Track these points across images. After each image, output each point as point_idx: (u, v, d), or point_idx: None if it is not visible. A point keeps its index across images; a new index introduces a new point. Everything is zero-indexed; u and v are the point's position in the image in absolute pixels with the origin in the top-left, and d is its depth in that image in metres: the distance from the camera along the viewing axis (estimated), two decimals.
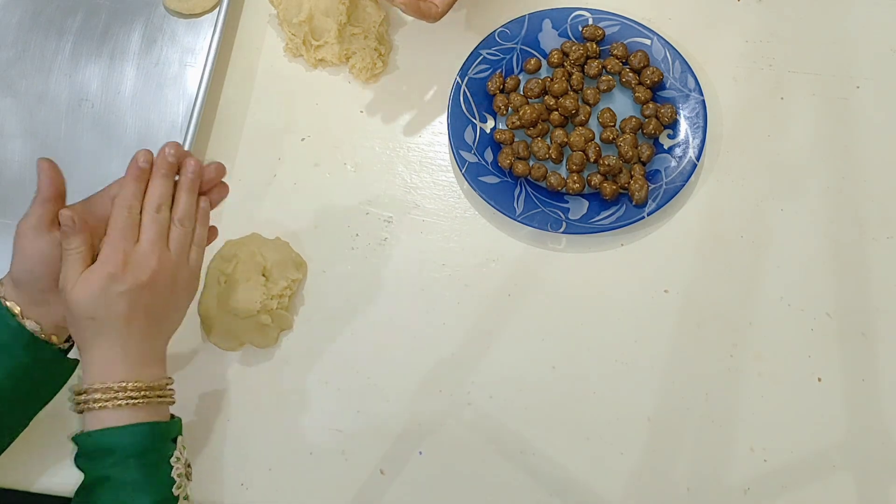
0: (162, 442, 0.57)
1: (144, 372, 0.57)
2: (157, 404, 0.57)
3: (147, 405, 0.56)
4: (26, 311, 0.59)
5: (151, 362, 0.59)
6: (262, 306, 0.68)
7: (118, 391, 0.55)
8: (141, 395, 0.56)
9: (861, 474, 0.67)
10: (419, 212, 0.76)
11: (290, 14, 0.79)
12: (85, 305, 0.55)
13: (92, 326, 0.56)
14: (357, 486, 0.67)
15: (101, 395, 0.55)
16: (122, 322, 0.56)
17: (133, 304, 0.56)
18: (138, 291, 0.56)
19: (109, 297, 0.55)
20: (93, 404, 0.55)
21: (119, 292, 0.56)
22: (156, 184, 0.60)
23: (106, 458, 0.55)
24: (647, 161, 0.75)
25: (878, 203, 0.75)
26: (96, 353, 0.57)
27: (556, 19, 0.80)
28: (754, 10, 0.83)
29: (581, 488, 0.67)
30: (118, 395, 0.55)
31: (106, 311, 0.56)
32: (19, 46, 0.81)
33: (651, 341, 0.71)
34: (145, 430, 0.56)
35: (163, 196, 0.60)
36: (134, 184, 0.59)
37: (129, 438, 0.55)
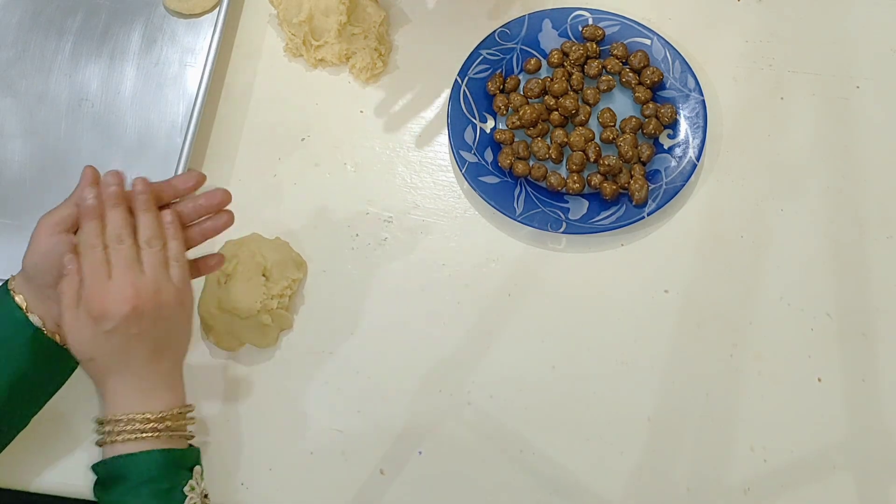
0: (175, 469, 0.57)
1: (160, 400, 0.58)
2: (177, 436, 0.58)
3: (169, 437, 0.57)
4: (32, 305, 0.59)
5: (166, 388, 0.59)
6: (262, 306, 0.68)
7: (140, 422, 0.56)
8: (164, 425, 0.57)
9: (861, 474, 0.67)
10: (419, 212, 0.76)
11: (290, 14, 0.79)
12: (81, 350, 0.57)
13: (94, 367, 0.57)
14: (357, 486, 0.67)
15: (122, 426, 0.56)
16: (120, 357, 0.56)
17: (125, 337, 0.56)
18: (125, 324, 0.56)
19: (99, 339, 0.56)
20: (115, 436, 0.56)
21: (106, 331, 0.55)
22: (109, 216, 0.58)
23: (119, 486, 0.55)
24: (647, 161, 0.75)
25: (878, 203, 0.75)
26: (108, 388, 0.57)
27: (556, 19, 0.80)
28: (754, 10, 0.83)
29: (581, 488, 0.67)
30: (140, 427, 0.56)
31: (101, 351, 0.56)
32: (19, 46, 0.81)
33: (651, 341, 0.71)
34: (158, 458, 0.56)
35: (119, 226, 0.58)
36: (90, 222, 0.57)
37: (141, 466, 0.55)
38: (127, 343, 0.56)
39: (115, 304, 0.56)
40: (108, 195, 0.58)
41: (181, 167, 0.73)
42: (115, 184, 0.59)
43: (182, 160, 0.74)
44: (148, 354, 0.57)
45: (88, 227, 0.57)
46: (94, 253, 0.57)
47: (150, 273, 0.57)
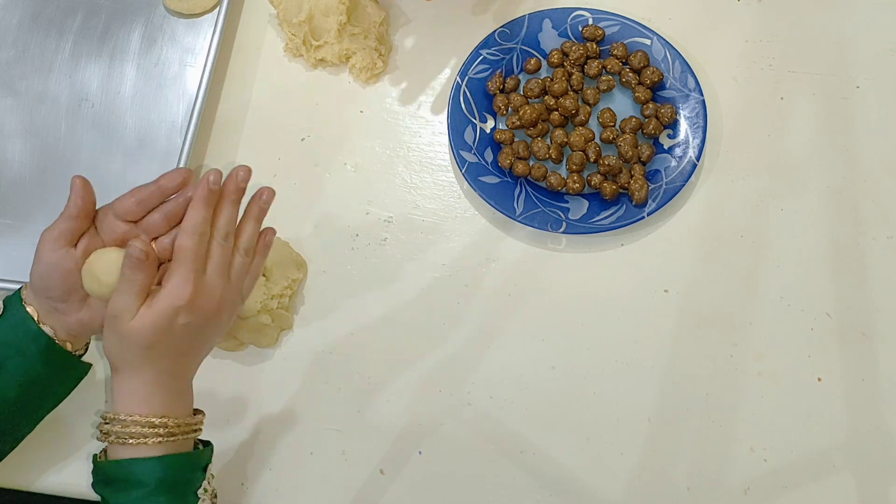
0: (192, 473, 0.56)
1: (178, 404, 0.56)
2: (188, 439, 0.56)
3: (177, 442, 0.55)
4: (43, 317, 0.59)
5: (185, 391, 0.57)
6: (262, 306, 0.68)
7: (158, 427, 0.54)
8: (179, 430, 0.55)
9: (861, 474, 0.67)
10: (419, 212, 0.76)
11: (290, 14, 0.79)
12: (147, 336, 0.53)
13: (147, 354, 0.54)
14: (357, 486, 0.67)
15: (139, 428, 0.53)
16: (181, 354, 0.55)
17: (194, 335, 0.55)
18: (202, 324, 0.55)
19: (174, 329, 0.53)
20: (129, 439, 0.53)
21: (184, 324, 0.53)
22: (225, 210, 0.57)
23: (133, 490, 0.53)
24: (647, 161, 0.75)
25: (878, 203, 0.75)
26: (140, 378, 0.54)
27: (556, 19, 0.80)
28: (754, 10, 0.83)
29: (581, 488, 0.67)
30: (158, 431, 0.54)
31: (166, 342, 0.54)
32: (19, 46, 0.81)
33: (651, 341, 0.71)
34: (176, 463, 0.54)
35: (231, 223, 0.57)
36: (205, 209, 0.55)
37: (159, 472, 0.53)
38: (191, 342, 0.55)
39: (203, 300, 0.54)
40: (235, 189, 0.57)
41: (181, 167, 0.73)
42: (245, 181, 0.57)
43: (182, 160, 0.74)
44: (194, 357, 0.57)
45: (201, 213, 0.55)
46: (200, 242, 0.55)
47: (235, 279, 0.57)
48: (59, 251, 0.57)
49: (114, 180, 0.76)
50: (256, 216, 0.59)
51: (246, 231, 0.58)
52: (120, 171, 0.77)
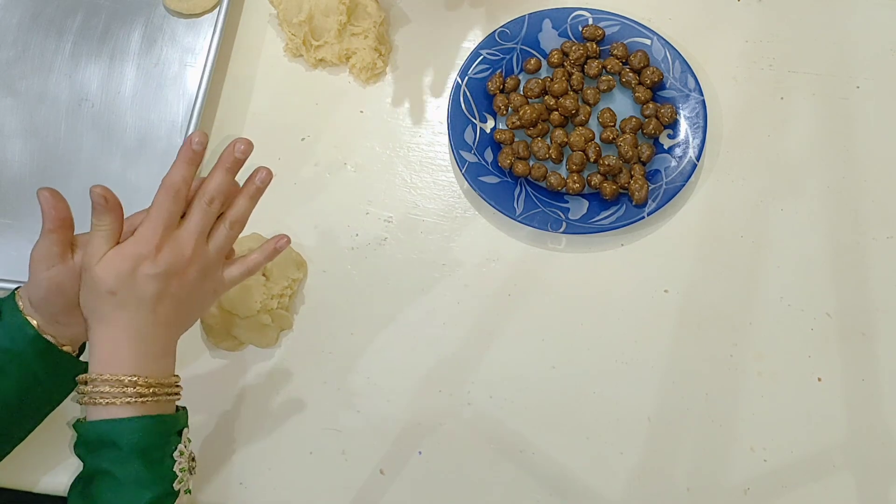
0: (166, 436, 0.55)
1: (156, 365, 0.55)
2: (164, 401, 0.56)
3: (155, 403, 0.55)
4: (43, 326, 0.58)
5: (164, 356, 0.57)
6: (262, 306, 0.68)
7: (127, 385, 0.53)
8: (150, 391, 0.54)
9: (861, 474, 0.67)
10: (419, 212, 0.76)
11: (290, 14, 0.79)
12: (108, 280, 0.53)
13: (111, 301, 0.54)
14: (357, 486, 0.67)
15: (108, 388, 0.53)
16: (146, 307, 0.54)
17: (162, 290, 0.55)
18: (167, 278, 0.55)
19: (137, 278, 0.54)
20: (99, 399, 0.53)
21: (148, 275, 0.54)
22: (216, 175, 0.57)
23: (109, 451, 0.53)
24: (647, 161, 0.75)
25: (878, 203, 0.75)
26: (110, 334, 0.54)
27: (556, 19, 0.80)
28: (754, 10, 0.83)
29: (581, 488, 0.67)
30: (126, 391, 0.53)
31: (130, 290, 0.54)
32: (19, 46, 0.81)
33: (651, 341, 0.71)
34: (152, 424, 0.54)
35: (219, 190, 0.57)
36: (185, 167, 0.56)
37: (135, 433, 0.53)
38: (160, 297, 0.55)
39: (170, 253, 0.55)
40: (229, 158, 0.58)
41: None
42: (243, 153, 0.58)
43: None
44: (170, 316, 0.56)
45: (181, 172, 0.56)
46: (175, 198, 0.56)
47: (215, 249, 0.58)
48: (52, 269, 0.56)
49: (114, 180, 0.76)
50: (251, 194, 0.60)
51: (236, 205, 0.59)
52: (120, 171, 0.77)
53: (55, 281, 0.56)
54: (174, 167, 0.56)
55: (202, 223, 0.57)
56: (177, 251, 0.55)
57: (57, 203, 0.56)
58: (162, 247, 0.55)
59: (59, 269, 0.57)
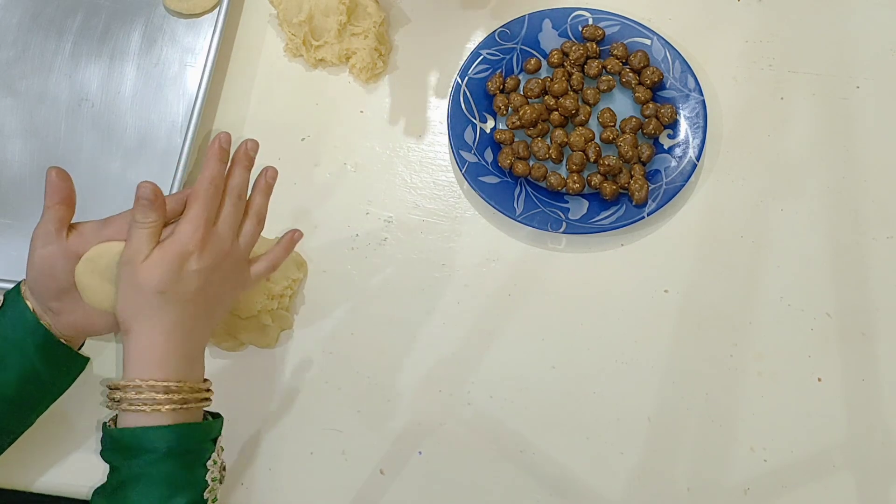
0: (202, 443, 0.55)
1: (190, 369, 0.56)
2: (195, 409, 0.56)
3: (188, 410, 0.55)
4: (40, 316, 0.58)
5: (197, 358, 0.57)
6: (262, 306, 0.68)
7: (163, 392, 0.53)
8: (185, 397, 0.54)
9: (861, 474, 0.67)
10: (419, 212, 0.76)
11: (290, 14, 0.79)
12: (157, 277, 0.54)
13: (157, 300, 0.54)
14: (357, 486, 0.67)
15: (145, 394, 0.53)
16: (190, 303, 0.55)
17: (204, 284, 0.56)
18: (210, 272, 0.56)
19: (185, 274, 0.55)
20: (139, 405, 0.53)
21: (194, 269, 0.55)
22: (237, 173, 0.60)
23: (143, 457, 0.53)
24: (647, 161, 0.75)
25: (878, 203, 0.75)
26: (150, 335, 0.54)
27: (556, 19, 0.80)
28: (754, 10, 0.83)
29: (581, 488, 0.67)
30: (163, 398, 0.53)
31: (177, 286, 0.54)
32: (19, 46, 0.81)
33: (651, 341, 0.71)
34: (188, 432, 0.54)
35: (242, 186, 0.60)
36: (219, 164, 0.58)
37: (170, 440, 0.53)
38: (201, 291, 0.56)
39: (214, 247, 0.56)
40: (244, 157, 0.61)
41: (181, 167, 0.73)
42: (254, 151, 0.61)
43: (182, 160, 0.74)
44: (206, 312, 0.57)
45: (216, 168, 0.58)
46: (215, 193, 0.58)
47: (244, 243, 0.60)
48: (49, 245, 0.57)
49: (114, 180, 0.76)
50: (264, 189, 0.63)
51: (255, 200, 0.62)
52: (120, 171, 0.77)
53: (47, 260, 0.57)
54: (208, 166, 0.58)
55: (235, 217, 0.59)
56: (219, 245, 0.57)
57: (60, 181, 0.57)
58: (206, 242, 0.56)
59: (53, 248, 0.57)
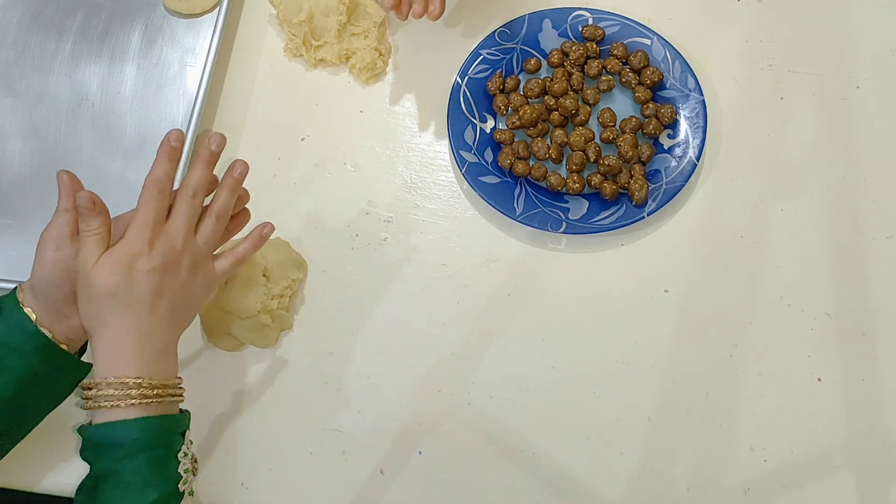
0: (171, 436, 0.56)
1: (159, 366, 0.56)
2: (168, 402, 0.56)
3: (159, 404, 0.55)
4: (41, 319, 0.58)
5: (166, 355, 0.57)
6: (262, 306, 0.68)
7: (132, 387, 0.54)
8: (154, 393, 0.55)
9: (861, 474, 0.67)
10: (419, 212, 0.76)
11: (290, 14, 0.79)
12: (107, 282, 0.54)
13: (111, 304, 0.54)
14: (357, 486, 0.67)
15: (113, 390, 0.53)
16: (146, 304, 0.55)
17: (159, 285, 0.56)
18: (163, 272, 0.56)
19: (135, 276, 0.55)
20: (104, 402, 0.54)
21: (145, 271, 0.55)
22: (195, 169, 0.59)
23: (114, 452, 0.54)
24: (647, 161, 0.75)
25: (878, 203, 0.75)
26: (112, 337, 0.55)
27: (556, 19, 0.80)
28: (754, 10, 0.83)
29: (581, 488, 0.67)
30: (131, 394, 0.54)
31: (129, 289, 0.55)
32: (19, 46, 0.81)
33: (651, 341, 0.71)
34: (156, 424, 0.55)
35: (200, 183, 0.59)
36: (167, 163, 0.58)
37: (139, 433, 0.54)
38: (158, 293, 0.56)
39: (163, 247, 0.56)
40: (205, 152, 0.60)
41: (181, 167, 0.73)
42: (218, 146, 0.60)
43: (182, 160, 0.73)
44: (168, 313, 0.57)
45: (163, 168, 0.58)
46: (160, 194, 0.57)
47: (203, 241, 0.59)
48: (61, 250, 0.57)
49: (114, 180, 0.76)
50: (231, 186, 0.62)
51: (218, 198, 0.61)
52: (120, 171, 0.77)
53: (63, 263, 0.57)
54: (156, 164, 0.58)
55: (188, 216, 0.58)
56: (168, 244, 0.57)
57: (73, 185, 0.58)
58: (154, 242, 0.56)
59: (69, 251, 0.57)
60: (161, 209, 0.57)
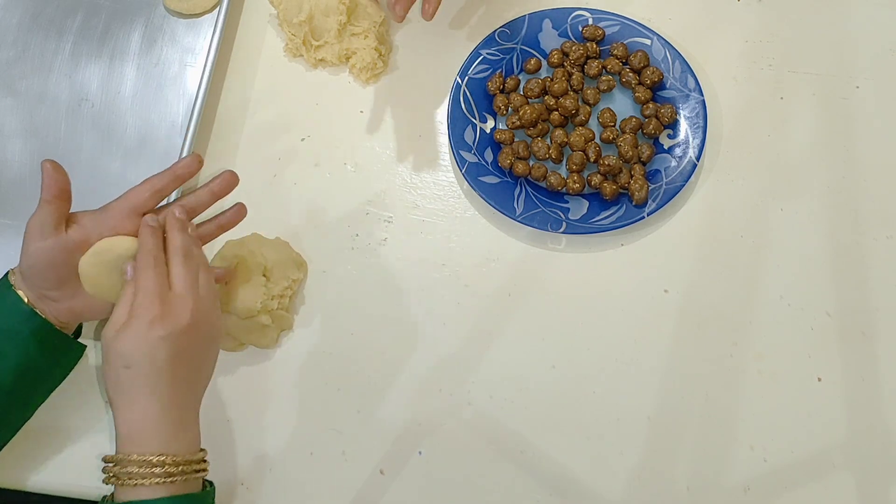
0: None
1: (182, 438, 0.55)
2: (192, 479, 0.55)
3: (184, 482, 0.54)
4: (34, 302, 0.59)
5: (189, 425, 0.56)
6: (262, 306, 0.68)
7: (155, 465, 0.52)
8: (178, 469, 0.53)
9: (861, 474, 0.67)
10: (419, 212, 0.76)
11: (290, 14, 0.79)
12: (122, 353, 0.53)
13: (127, 377, 0.53)
14: (357, 486, 0.67)
15: (136, 468, 0.52)
16: (164, 372, 0.53)
17: (174, 350, 0.54)
18: (178, 336, 0.54)
19: (150, 343, 0.53)
20: (127, 480, 0.52)
21: (159, 337, 0.53)
22: (172, 237, 0.58)
23: None
24: (647, 161, 0.75)
25: (878, 203, 0.75)
26: (134, 411, 0.53)
27: (556, 19, 0.80)
28: (754, 10, 0.83)
29: (581, 488, 0.67)
30: (154, 471, 0.52)
31: (145, 358, 0.53)
32: (19, 46, 0.81)
33: (651, 341, 0.71)
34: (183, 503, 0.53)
35: (184, 246, 0.58)
36: (152, 238, 0.58)
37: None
38: (174, 358, 0.54)
39: (175, 310, 0.55)
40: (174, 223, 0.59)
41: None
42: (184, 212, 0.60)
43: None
44: (186, 377, 0.55)
45: (150, 242, 0.57)
46: (156, 263, 0.56)
47: (205, 295, 0.58)
48: (47, 239, 0.57)
49: (114, 180, 0.76)
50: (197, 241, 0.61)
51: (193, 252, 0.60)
52: (120, 171, 0.77)
53: (47, 253, 0.57)
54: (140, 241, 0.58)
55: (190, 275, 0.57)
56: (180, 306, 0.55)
57: (57, 175, 0.57)
58: (164, 307, 0.55)
59: (52, 241, 0.57)
60: (162, 274, 0.56)
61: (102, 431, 0.68)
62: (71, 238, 0.58)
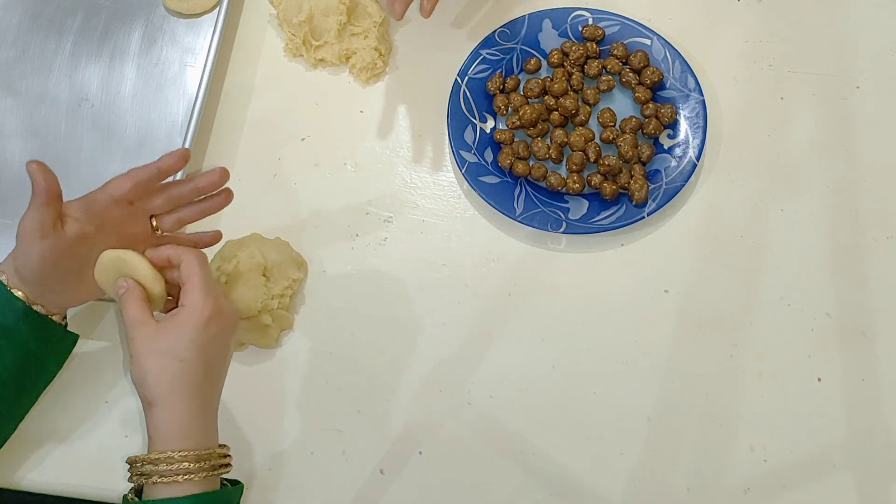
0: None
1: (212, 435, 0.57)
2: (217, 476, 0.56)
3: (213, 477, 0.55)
4: (31, 297, 0.59)
5: (214, 421, 0.58)
6: (262, 306, 0.68)
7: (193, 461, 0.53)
8: (210, 465, 0.54)
9: (861, 474, 0.67)
10: (419, 212, 0.76)
11: (290, 14, 0.79)
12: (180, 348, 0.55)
13: (179, 369, 0.54)
14: (357, 486, 0.67)
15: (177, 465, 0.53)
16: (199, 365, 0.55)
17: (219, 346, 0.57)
18: (229, 332, 0.58)
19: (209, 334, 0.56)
20: (164, 476, 0.53)
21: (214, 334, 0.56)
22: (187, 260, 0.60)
23: None
24: (647, 161, 0.75)
25: (878, 203, 0.75)
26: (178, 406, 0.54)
27: (556, 19, 0.80)
28: (754, 10, 0.83)
29: (581, 488, 0.67)
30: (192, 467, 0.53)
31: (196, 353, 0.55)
32: (19, 46, 0.81)
33: (651, 341, 0.71)
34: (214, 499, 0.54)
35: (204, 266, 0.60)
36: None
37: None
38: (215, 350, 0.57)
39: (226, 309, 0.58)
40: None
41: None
42: None
43: None
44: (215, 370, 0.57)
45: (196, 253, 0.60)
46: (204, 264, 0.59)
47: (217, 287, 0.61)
48: (43, 241, 0.57)
49: None
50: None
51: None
52: (120, 171, 0.75)
53: (52, 252, 0.57)
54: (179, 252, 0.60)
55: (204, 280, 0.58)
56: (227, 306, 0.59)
57: (48, 176, 0.57)
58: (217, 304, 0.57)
59: (52, 240, 0.57)
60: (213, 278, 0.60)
61: (97, 431, 0.68)
62: (70, 234, 0.58)
